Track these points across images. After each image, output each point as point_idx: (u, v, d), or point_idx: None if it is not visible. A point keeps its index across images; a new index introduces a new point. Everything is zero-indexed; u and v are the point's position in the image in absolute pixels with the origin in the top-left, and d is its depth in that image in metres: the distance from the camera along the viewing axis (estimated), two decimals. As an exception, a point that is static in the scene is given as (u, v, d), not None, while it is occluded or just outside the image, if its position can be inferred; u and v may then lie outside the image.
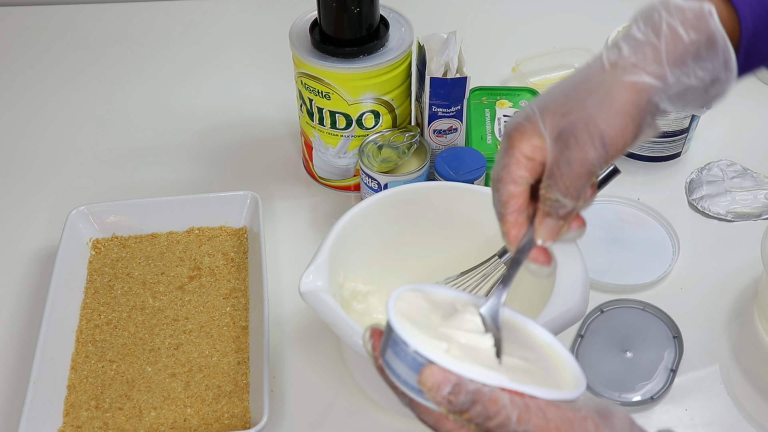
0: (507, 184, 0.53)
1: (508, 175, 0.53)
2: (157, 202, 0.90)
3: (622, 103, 0.51)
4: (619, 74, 0.52)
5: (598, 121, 0.50)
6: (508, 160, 0.53)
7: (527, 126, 0.52)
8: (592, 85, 0.52)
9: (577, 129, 0.51)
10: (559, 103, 0.52)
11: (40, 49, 1.21)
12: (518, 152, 0.52)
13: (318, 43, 0.86)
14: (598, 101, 0.51)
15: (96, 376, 0.77)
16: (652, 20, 0.52)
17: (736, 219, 0.93)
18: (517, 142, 0.52)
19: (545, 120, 0.52)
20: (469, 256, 0.76)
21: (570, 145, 0.51)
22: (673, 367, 0.78)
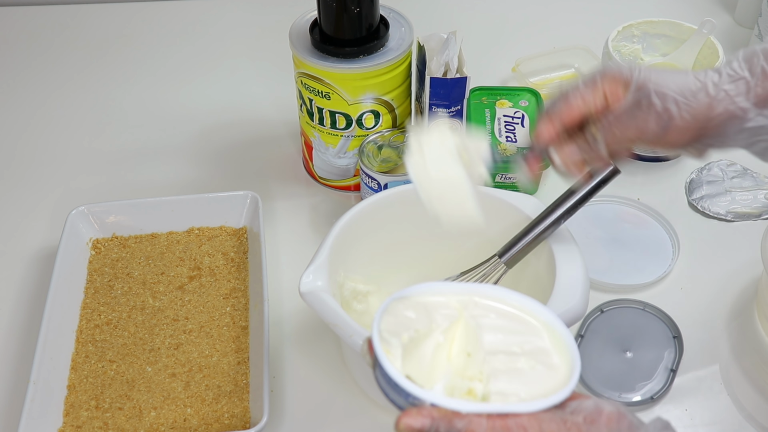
0: (577, 98, 0.58)
1: (582, 94, 0.58)
2: (157, 202, 0.90)
3: (700, 110, 0.56)
4: (711, 87, 0.57)
5: (676, 104, 0.56)
6: (591, 84, 0.58)
7: (621, 76, 0.57)
8: (689, 82, 0.57)
9: (659, 97, 0.56)
10: (663, 83, 0.57)
11: (39, 49, 1.21)
12: (602, 85, 0.57)
13: (318, 43, 0.86)
14: (686, 101, 0.56)
15: (96, 376, 0.77)
16: (751, 62, 0.57)
17: (736, 219, 0.93)
18: (607, 80, 0.57)
19: (640, 75, 0.57)
20: (469, 256, 0.76)
21: (642, 106, 0.56)
22: (673, 367, 0.78)
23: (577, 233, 0.76)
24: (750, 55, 0.57)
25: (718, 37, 1.01)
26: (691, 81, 0.57)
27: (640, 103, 0.56)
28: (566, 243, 0.71)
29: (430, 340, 0.49)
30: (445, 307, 0.51)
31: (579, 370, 0.48)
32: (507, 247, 0.72)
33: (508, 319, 0.51)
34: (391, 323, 0.49)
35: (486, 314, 0.51)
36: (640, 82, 0.56)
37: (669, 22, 1.02)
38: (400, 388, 0.46)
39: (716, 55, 0.96)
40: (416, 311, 0.51)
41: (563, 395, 0.47)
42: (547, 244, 0.72)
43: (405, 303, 0.51)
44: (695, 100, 0.56)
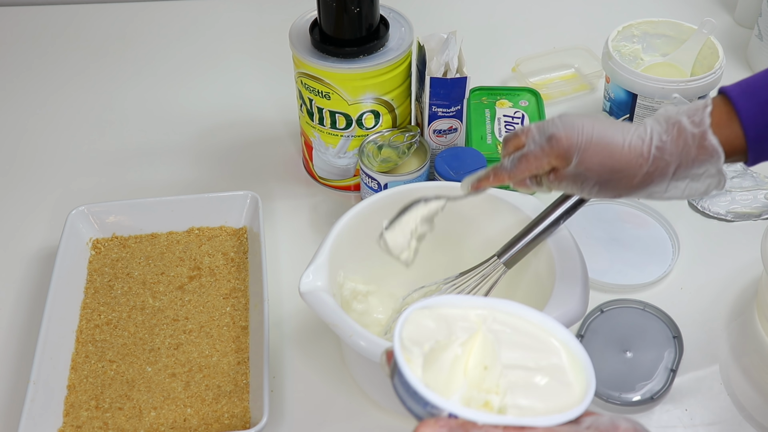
0: (526, 167, 0.66)
1: (531, 163, 0.65)
2: (157, 202, 0.90)
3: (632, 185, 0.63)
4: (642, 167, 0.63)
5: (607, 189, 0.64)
6: (542, 154, 0.64)
7: (568, 151, 0.63)
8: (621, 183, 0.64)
9: (589, 181, 0.64)
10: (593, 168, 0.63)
11: (40, 49, 1.21)
12: (549, 158, 0.64)
13: (318, 43, 0.86)
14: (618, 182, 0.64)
15: (96, 376, 0.77)
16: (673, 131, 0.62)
17: (736, 219, 0.93)
18: (553, 154, 0.63)
19: (579, 162, 0.63)
20: (469, 256, 0.76)
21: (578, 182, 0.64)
22: (673, 367, 0.78)
23: (577, 233, 0.76)
24: (681, 131, 0.61)
25: (718, 37, 1.01)
26: (622, 160, 0.62)
27: (575, 180, 0.64)
28: (566, 243, 0.71)
29: (449, 352, 0.50)
30: (464, 320, 0.52)
31: (594, 388, 0.48)
32: (506, 247, 0.72)
33: (526, 336, 0.52)
34: (412, 332, 0.50)
35: (504, 329, 0.52)
36: (577, 164, 0.63)
37: (669, 22, 1.02)
38: (419, 396, 0.47)
39: (716, 55, 0.96)
40: (436, 322, 0.51)
41: (579, 411, 0.47)
42: (546, 244, 0.72)
43: (426, 313, 0.51)
44: (623, 180, 0.63)
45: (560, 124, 0.64)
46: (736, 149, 0.61)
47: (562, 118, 0.64)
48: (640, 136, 0.62)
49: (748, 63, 1.16)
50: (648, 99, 0.95)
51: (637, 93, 0.95)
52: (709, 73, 0.93)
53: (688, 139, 0.61)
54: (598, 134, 0.62)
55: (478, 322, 0.52)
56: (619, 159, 0.62)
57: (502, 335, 0.51)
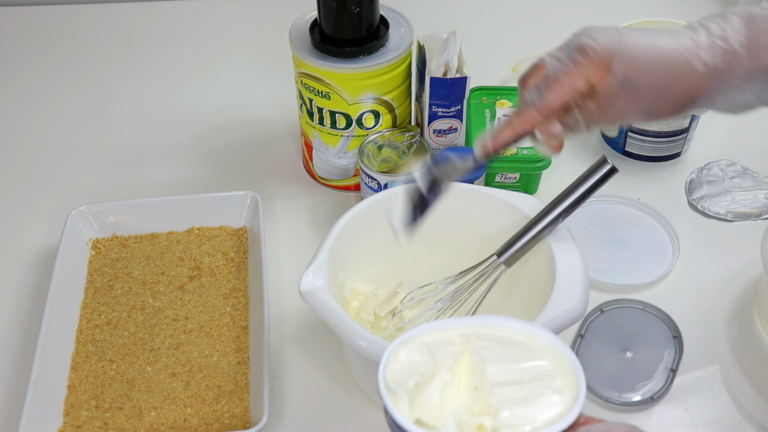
0: (558, 90, 0.56)
1: (563, 84, 0.55)
2: (157, 202, 0.90)
3: (684, 92, 0.54)
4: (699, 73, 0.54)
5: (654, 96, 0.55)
6: (575, 69, 0.55)
7: (604, 58, 0.54)
8: (681, 85, 0.54)
9: (635, 85, 0.54)
10: (645, 69, 0.54)
11: (40, 49, 1.21)
12: (585, 71, 0.55)
13: (318, 43, 0.86)
14: (669, 87, 0.54)
15: (96, 376, 0.77)
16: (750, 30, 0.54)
17: (736, 219, 0.93)
18: (590, 65, 0.54)
19: (625, 66, 0.54)
20: (469, 256, 0.76)
21: (622, 94, 0.54)
22: (673, 367, 0.78)
23: (577, 233, 0.76)
24: (750, 18, 0.54)
25: (718, 37, 1.01)
26: (677, 58, 0.54)
27: (622, 94, 0.55)
28: (566, 242, 0.71)
29: (436, 381, 0.50)
30: (449, 344, 0.52)
31: (584, 390, 0.48)
32: (506, 246, 0.72)
33: (511, 347, 0.52)
34: (396, 371, 0.50)
35: (489, 345, 0.52)
36: (621, 67, 0.54)
37: (669, 22, 1.02)
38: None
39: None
40: (420, 353, 0.51)
41: (570, 419, 0.47)
42: (546, 243, 0.72)
43: (408, 347, 0.51)
44: (681, 82, 0.54)
45: (588, 33, 0.55)
46: None
47: (587, 29, 0.56)
48: (692, 29, 0.54)
49: (748, 63, 1.15)
50: (648, 99, 0.95)
51: (637, 93, 0.95)
52: (709, 73, 0.93)
53: (761, 23, 0.53)
54: (638, 33, 0.55)
55: (462, 344, 0.51)
56: (672, 54, 0.54)
57: (488, 352, 0.51)
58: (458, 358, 0.51)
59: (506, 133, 0.59)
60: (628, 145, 0.99)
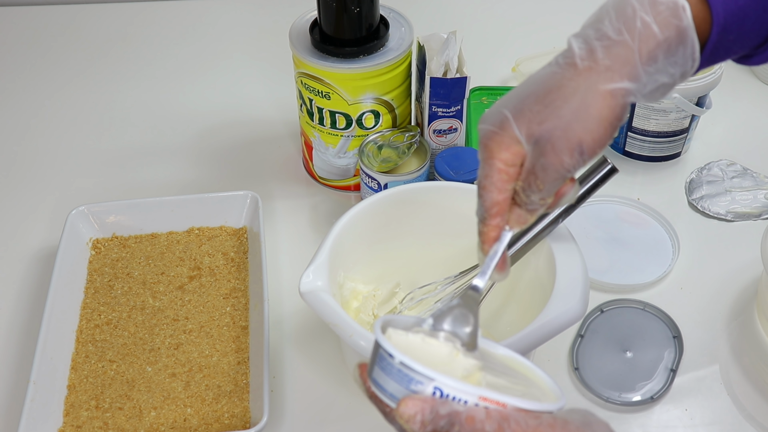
0: (490, 192, 0.55)
1: (491, 184, 0.55)
2: (157, 202, 0.90)
3: (599, 110, 0.51)
4: (594, 80, 0.51)
5: (577, 130, 0.51)
6: (489, 170, 0.54)
7: (503, 135, 0.53)
8: (567, 91, 0.52)
9: (554, 137, 0.51)
10: (534, 110, 0.52)
11: (40, 49, 1.21)
12: (498, 161, 0.54)
13: (318, 43, 0.86)
14: (574, 109, 0.51)
15: (96, 376, 0.77)
16: (624, 14, 0.51)
17: (736, 219, 0.93)
18: (496, 152, 0.54)
19: (520, 127, 0.53)
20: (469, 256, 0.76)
21: (547, 152, 0.52)
22: (673, 367, 0.78)
23: (577, 233, 0.76)
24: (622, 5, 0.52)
25: (718, 37, 1.01)
26: (566, 89, 0.52)
27: (544, 151, 0.52)
28: (566, 242, 0.71)
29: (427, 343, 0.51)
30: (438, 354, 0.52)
31: (564, 398, 0.49)
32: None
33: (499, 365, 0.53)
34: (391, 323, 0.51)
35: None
36: (526, 132, 0.52)
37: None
38: (404, 372, 0.46)
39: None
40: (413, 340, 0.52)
41: (557, 405, 0.47)
42: (546, 243, 0.72)
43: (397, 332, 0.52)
44: (588, 107, 0.51)
45: (481, 122, 0.55)
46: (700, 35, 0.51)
47: (480, 119, 0.56)
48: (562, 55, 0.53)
49: (748, 63, 1.15)
50: (648, 99, 0.95)
51: (637, 93, 0.95)
52: (709, 73, 0.93)
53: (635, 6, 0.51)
54: (519, 91, 0.54)
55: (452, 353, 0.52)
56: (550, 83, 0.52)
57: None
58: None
59: (486, 239, 0.57)
60: (628, 145, 0.99)
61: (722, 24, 0.51)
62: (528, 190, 0.54)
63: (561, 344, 0.81)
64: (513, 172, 0.54)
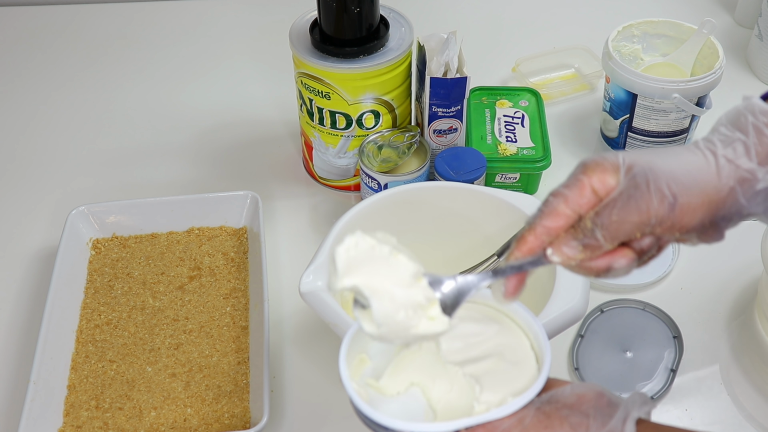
0: (560, 202, 0.49)
1: (566, 196, 0.49)
2: (157, 202, 0.90)
3: (705, 182, 0.49)
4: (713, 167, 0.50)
5: (677, 183, 0.48)
6: (574, 183, 0.49)
7: (605, 160, 0.49)
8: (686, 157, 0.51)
9: (655, 176, 0.48)
10: (645, 157, 0.50)
11: (40, 49, 1.21)
12: (587, 180, 0.49)
13: (318, 43, 0.86)
14: (684, 165, 0.50)
15: (96, 376, 0.77)
16: (738, 123, 0.52)
17: (736, 219, 0.93)
18: (591, 172, 0.49)
19: (626, 157, 0.49)
20: (469, 256, 0.76)
21: (639, 186, 0.48)
22: (673, 367, 0.78)
23: (577, 233, 0.76)
24: (735, 116, 0.53)
25: (718, 37, 1.01)
26: (685, 154, 0.51)
27: (638, 185, 0.48)
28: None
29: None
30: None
31: (549, 358, 0.49)
32: (506, 246, 0.72)
33: (469, 322, 0.52)
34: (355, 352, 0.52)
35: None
36: (630, 163, 0.49)
37: (669, 22, 1.02)
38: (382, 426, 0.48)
39: (716, 55, 0.96)
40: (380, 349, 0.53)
41: (536, 390, 0.48)
42: (547, 244, 0.71)
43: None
44: (697, 173, 0.50)
45: (592, 157, 0.51)
46: None
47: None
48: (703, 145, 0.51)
49: (748, 63, 1.16)
50: (648, 99, 0.95)
51: (637, 93, 0.95)
52: (709, 73, 0.93)
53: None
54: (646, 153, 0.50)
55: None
56: (686, 159, 0.50)
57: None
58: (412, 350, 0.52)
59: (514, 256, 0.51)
60: (628, 145, 0.99)
61: None
62: (598, 219, 0.48)
63: (561, 344, 0.81)
64: (592, 199, 0.49)
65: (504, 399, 0.48)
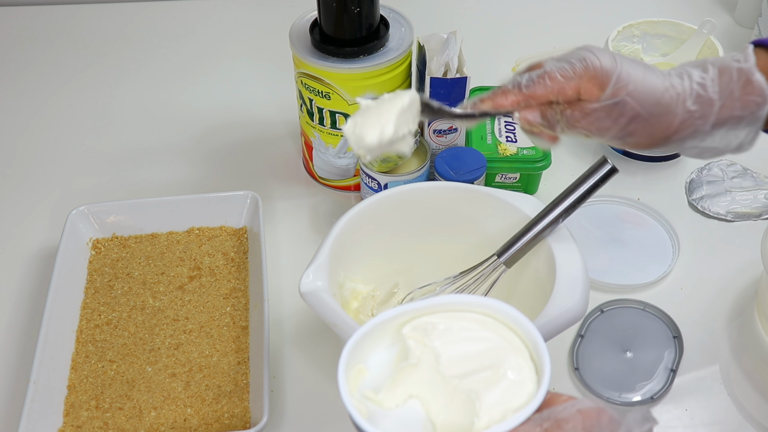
0: (551, 85, 0.58)
1: (558, 83, 0.58)
2: (157, 202, 0.90)
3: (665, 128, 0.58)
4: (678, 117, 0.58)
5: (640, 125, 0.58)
6: (572, 75, 0.58)
7: (602, 77, 0.57)
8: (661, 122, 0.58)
9: (624, 111, 0.57)
10: (637, 97, 0.57)
11: (39, 49, 1.21)
12: (580, 81, 0.57)
13: (318, 43, 0.86)
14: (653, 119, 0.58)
15: (96, 376, 0.77)
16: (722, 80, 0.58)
17: (736, 219, 0.93)
18: (586, 76, 0.57)
19: (620, 89, 0.57)
20: (469, 256, 0.76)
21: (611, 114, 0.57)
22: (673, 367, 0.78)
23: (577, 233, 0.76)
24: (724, 69, 0.58)
25: (718, 37, 1.01)
26: (665, 96, 0.57)
27: (610, 112, 0.57)
28: (566, 243, 0.71)
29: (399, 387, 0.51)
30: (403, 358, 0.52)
31: (549, 370, 0.48)
32: (506, 246, 0.72)
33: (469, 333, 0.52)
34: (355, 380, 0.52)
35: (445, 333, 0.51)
36: (616, 89, 0.57)
37: (669, 22, 1.02)
38: None
39: (716, 55, 0.96)
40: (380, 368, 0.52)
41: (535, 405, 0.47)
42: (546, 243, 0.72)
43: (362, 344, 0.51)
44: (663, 119, 0.57)
45: (592, 49, 0.58)
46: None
47: (591, 46, 0.59)
48: (678, 74, 0.58)
49: (748, 63, 1.15)
50: (648, 99, 0.95)
51: (637, 93, 0.95)
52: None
53: (733, 75, 0.57)
54: (635, 65, 0.58)
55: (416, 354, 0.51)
56: (662, 91, 0.57)
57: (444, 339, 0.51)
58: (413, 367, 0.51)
59: (486, 104, 0.61)
60: (628, 145, 0.99)
61: None
62: (566, 117, 0.58)
63: (561, 344, 0.81)
64: (574, 95, 0.58)
65: (504, 413, 0.48)
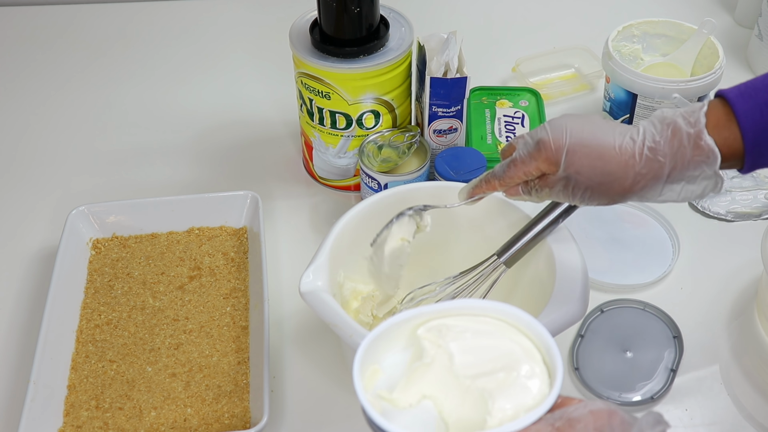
0: (517, 171, 0.66)
1: (522, 168, 0.66)
2: (157, 202, 0.90)
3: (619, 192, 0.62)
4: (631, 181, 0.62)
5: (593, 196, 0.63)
6: (530, 158, 0.65)
7: (556, 156, 0.63)
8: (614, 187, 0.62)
9: (575, 185, 0.63)
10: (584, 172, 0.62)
11: (40, 49, 1.21)
12: (537, 163, 0.64)
13: (318, 43, 0.86)
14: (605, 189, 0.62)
15: (96, 376, 0.77)
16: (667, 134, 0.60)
17: (736, 219, 0.93)
18: (542, 158, 0.64)
19: (569, 166, 0.63)
20: (469, 256, 0.76)
21: (567, 188, 0.64)
22: (673, 367, 0.78)
23: (577, 233, 0.76)
24: (677, 131, 0.60)
25: (718, 37, 1.01)
26: (613, 165, 0.61)
27: (566, 186, 0.63)
28: (566, 243, 0.71)
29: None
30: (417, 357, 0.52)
31: (561, 373, 0.48)
32: (506, 246, 0.72)
33: (480, 336, 0.52)
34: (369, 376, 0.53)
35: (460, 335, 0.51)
36: (565, 166, 0.62)
37: (669, 22, 1.02)
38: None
39: (716, 55, 0.96)
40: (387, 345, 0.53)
41: (548, 405, 0.47)
42: (546, 243, 0.72)
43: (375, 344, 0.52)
44: (615, 183, 0.61)
45: (548, 128, 0.64)
46: (734, 152, 0.59)
47: (551, 122, 0.64)
48: (632, 137, 0.61)
49: (748, 63, 1.16)
50: (648, 99, 0.95)
51: (637, 93, 0.95)
52: (709, 73, 0.93)
53: (683, 139, 0.59)
54: (588, 136, 0.62)
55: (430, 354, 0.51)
56: (609, 160, 0.61)
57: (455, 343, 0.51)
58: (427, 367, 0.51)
59: (479, 190, 0.72)
60: (628, 145, 0.99)
61: (753, 141, 0.59)
62: (535, 190, 0.67)
63: (561, 344, 0.81)
64: (537, 172, 0.65)
65: (516, 413, 0.48)
